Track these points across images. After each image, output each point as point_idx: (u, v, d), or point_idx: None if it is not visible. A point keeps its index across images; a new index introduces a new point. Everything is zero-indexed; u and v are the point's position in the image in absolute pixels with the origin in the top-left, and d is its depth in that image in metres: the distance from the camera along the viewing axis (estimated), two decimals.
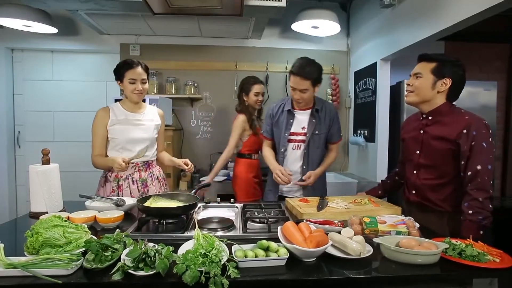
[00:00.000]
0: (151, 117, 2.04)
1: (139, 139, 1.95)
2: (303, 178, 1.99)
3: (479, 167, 1.38)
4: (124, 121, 1.93)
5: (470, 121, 1.44)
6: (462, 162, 1.43)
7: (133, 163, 1.92)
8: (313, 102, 2.06)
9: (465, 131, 1.42)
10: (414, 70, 1.58)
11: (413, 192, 1.65)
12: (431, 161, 1.55)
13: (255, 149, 2.59)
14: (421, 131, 1.60)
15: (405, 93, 1.61)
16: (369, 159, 3.31)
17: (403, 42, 2.65)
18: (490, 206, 1.38)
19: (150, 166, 2.04)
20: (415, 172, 1.63)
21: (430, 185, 1.56)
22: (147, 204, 1.44)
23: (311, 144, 2.02)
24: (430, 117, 1.56)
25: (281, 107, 2.11)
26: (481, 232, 1.36)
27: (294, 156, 2.06)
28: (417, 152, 1.61)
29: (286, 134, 2.04)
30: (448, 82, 1.50)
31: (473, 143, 1.40)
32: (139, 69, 1.90)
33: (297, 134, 2.04)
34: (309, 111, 2.05)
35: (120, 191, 1.92)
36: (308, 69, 1.89)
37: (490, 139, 1.41)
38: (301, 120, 2.05)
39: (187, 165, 1.98)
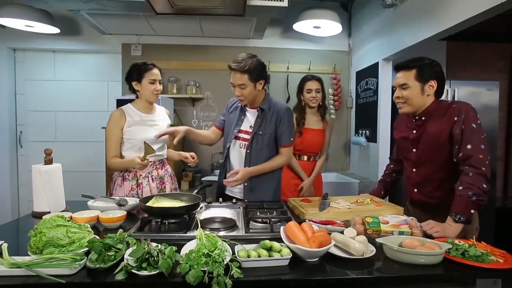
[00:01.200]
0: (162, 117, 2.08)
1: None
2: (228, 175, 1.84)
3: (469, 146, 1.38)
4: (140, 122, 1.96)
5: (458, 107, 1.48)
6: (456, 147, 1.44)
7: (150, 161, 1.95)
8: (262, 101, 1.95)
9: (455, 118, 1.45)
10: (396, 81, 1.57)
11: (415, 190, 1.64)
12: (428, 157, 1.56)
13: (298, 150, 2.43)
14: (414, 131, 1.61)
15: (397, 105, 1.61)
16: (371, 159, 3.31)
17: (405, 42, 2.65)
18: (485, 186, 1.33)
19: (164, 164, 2.09)
20: (414, 170, 1.64)
21: (432, 180, 1.56)
22: (149, 204, 1.45)
23: (254, 144, 1.91)
24: (423, 118, 1.57)
25: (237, 103, 2.03)
26: (472, 210, 1.31)
27: (239, 154, 1.95)
28: (414, 150, 1.62)
29: (235, 130, 1.96)
30: (434, 83, 1.51)
31: (463, 126, 1.42)
32: (156, 70, 1.96)
33: (245, 132, 1.95)
34: (258, 110, 1.94)
35: (139, 189, 1.94)
36: (244, 63, 1.76)
37: (478, 121, 1.43)
38: (250, 118, 1.96)
39: (193, 158, 2.05)
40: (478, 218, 1.53)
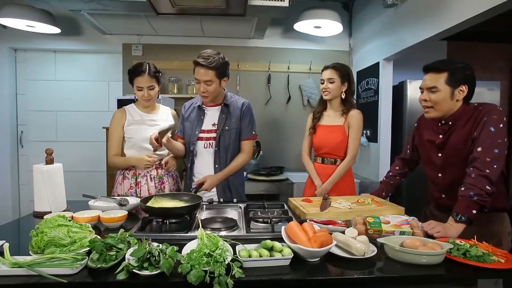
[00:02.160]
0: (165, 118, 2.09)
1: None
2: (196, 183, 1.84)
3: (479, 149, 1.35)
4: (139, 121, 1.99)
5: (483, 109, 1.44)
6: (472, 148, 1.41)
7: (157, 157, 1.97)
8: (224, 98, 1.96)
9: (479, 121, 1.42)
10: (425, 83, 1.50)
11: (443, 196, 1.59)
12: (454, 161, 1.51)
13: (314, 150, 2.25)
14: (441, 136, 1.55)
15: (423, 109, 1.54)
16: (372, 159, 3.31)
17: (405, 42, 2.65)
18: (488, 187, 1.30)
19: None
20: (440, 175, 1.58)
21: (460, 184, 1.47)
22: (149, 204, 1.44)
23: (222, 140, 1.91)
24: (450, 123, 1.51)
25: (193, 105, 2.01)
26: (474, 211, 1.29)
27: (206, 155, 1.94)
28: (439, 155, 1.56)
29: (197, 132, 1.93)
30: (464, 89, 1.46)
31: (482, 128, 1.39)
32: (146, 76, 1.91)
33: (208, 131, 1.93)
34: (219, 107, 1.95)
35: (138, 188, 1.96)
36: (212, 59, 1.76)
37: (501, 125, 1.38)
38: (212, 116, 1.94)
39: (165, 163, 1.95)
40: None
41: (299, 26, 3.14)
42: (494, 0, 1.77)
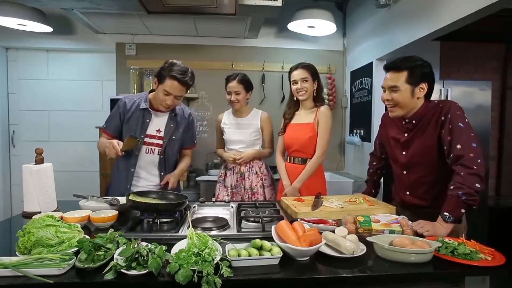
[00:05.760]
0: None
1: (236, 141, 2.33)
2: (162, 183, 1.88)
3: (459, 146, 1.36)
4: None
5: (444, 106, 1.46)
6: (445, 148, 1.42)
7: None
8: None
9: (443, 118, 1.44)
10: (386, 83, 1.53)
11: (408, 193, 1.63)
12: (418, 160, 1.55)
13: (282, 150, 2.28)
14: (406, 134, 1.58)
15: (388, 107, 1.57)
16: (365, 159, 3.31)
17: (398, 42, 2.66)
18: (477, 185, 1.29)
19: (250, 162, 2.32)
20: (404, 172, 1.62)
21: (423, 182, 1.55)
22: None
23: (168, 149, 1.91)
24: (414, 121, 1.54)
25: (135, 104, 1.87)
26: (462, 210, 1.30)
27: (148, 160, 1.89)
28: (403, 153, 1.60)
29: (142, 136, 1.85)
30: (425, 86, 1.48)
31: (450, 126, 1.41)
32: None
33: (151, 136, 1.87)
34: (167, 114, 1.91)
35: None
36: (189, 76, 1.83)
37: (466, 120, 1.41)
38: (158, 122, 1.89)
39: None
40: (466, 216, 1.49)
41: (293, 26, 3.14)
42: (486, 0, 1.78)
